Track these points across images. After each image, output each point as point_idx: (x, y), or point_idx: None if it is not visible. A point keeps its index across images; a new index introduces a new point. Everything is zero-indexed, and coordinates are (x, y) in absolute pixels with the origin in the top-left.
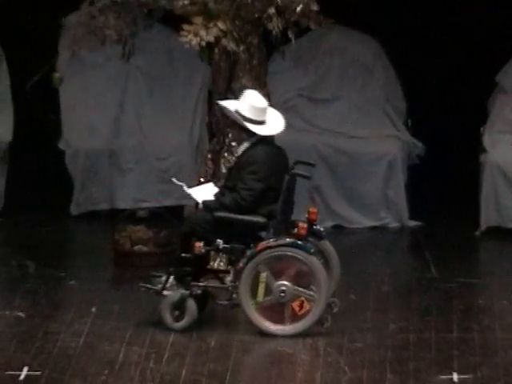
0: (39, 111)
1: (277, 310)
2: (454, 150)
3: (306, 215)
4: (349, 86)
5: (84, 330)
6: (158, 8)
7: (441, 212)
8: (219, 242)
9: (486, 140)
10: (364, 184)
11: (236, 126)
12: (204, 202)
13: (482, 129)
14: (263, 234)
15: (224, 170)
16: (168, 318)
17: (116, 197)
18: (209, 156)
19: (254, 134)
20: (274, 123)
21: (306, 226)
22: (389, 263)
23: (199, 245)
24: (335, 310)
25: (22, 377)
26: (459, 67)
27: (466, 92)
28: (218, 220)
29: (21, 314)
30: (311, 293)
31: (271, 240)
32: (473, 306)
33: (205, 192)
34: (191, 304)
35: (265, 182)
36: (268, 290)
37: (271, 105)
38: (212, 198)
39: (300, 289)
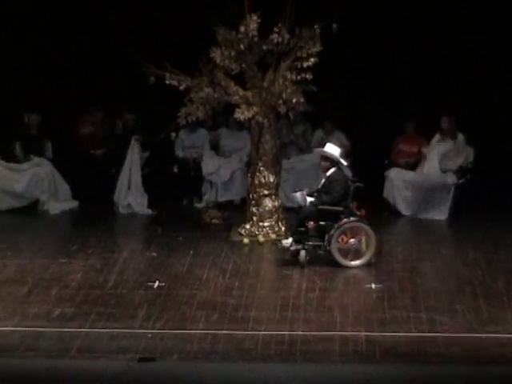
0: (165, 151)
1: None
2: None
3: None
4: None
5: (186, 262)
6: (224, 101)
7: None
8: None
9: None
10: None
11: (330, 160)
12: (310, 202)
13: (386, 161)
14: (342, 216)
15: (257, 182)
16: (302, 260)
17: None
18: (249, 175)
19: (336, 164)
20: (343, 160)
21: (365, 211)
22: None
23: (310, 223)
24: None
25: (155, 286)
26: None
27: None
28: (319, 210)
29: (154, 254)
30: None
31: (346, 219)
32: (381, 250)
33: (306, 197)
34: (303, 253)
35: (343, 190)
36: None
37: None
38: (312, 199)
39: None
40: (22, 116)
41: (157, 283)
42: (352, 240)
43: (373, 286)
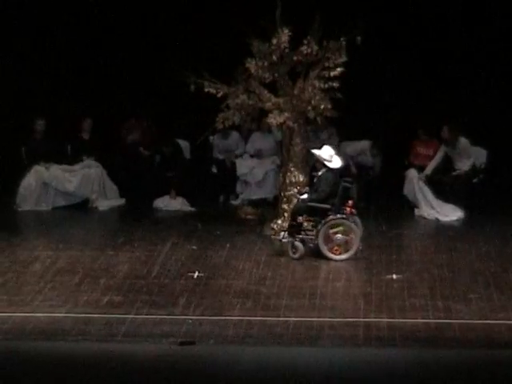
0: (203, 151)
1: (334, 248)
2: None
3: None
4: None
5: (223, 254)
6: (258, 107)
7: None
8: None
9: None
10: None
11: (319, 161)
12: (302, 199)
13: (405, 161)
14: (329, 213)
15: (288, 181)
16: (290, 252)
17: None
18: (281, 175)
19: (326, 165)
20: (336, 161)
21: (350, 209)
22: None
23: (300, 218)
24: (360, 247)
25: (195, 275)
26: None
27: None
28: (309, 206)
29: (194, 247)
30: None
31: (332, 216)
32: (399, 243)
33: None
34: (289, 245)
35: (331, 188)
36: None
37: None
38: (304, 196)
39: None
40: (78, 120)
41: (196, 273)
42: (338, 236)
43: (394, 276)
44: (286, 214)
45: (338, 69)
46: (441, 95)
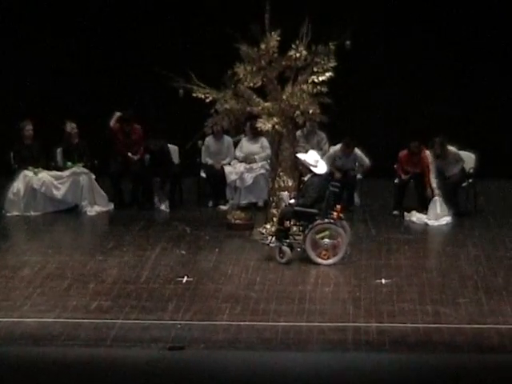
0: (192, 156)
1: (322, 253)
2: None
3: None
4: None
5: (213, 259)
6: (246, 111)
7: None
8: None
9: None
10: None
11: (304, 166)
12: (289, 203)
13: (394, 165)
14: (317, 217)
15: (277, 186)
16: (277, 256)
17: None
18: (269, 179)
19: (311, 171)
20: (321, 166)
21: (338, 213)
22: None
23: (287, 223)
24: (348, 252)
25: (184, 280)
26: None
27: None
28: (296, 211)
29: (183, 251)
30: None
31: (320, 221)
32: (388, 248)
33: (288, 198)
34: (277, 250)
35: (317, 193)
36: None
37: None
38: (292, 201)
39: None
40: (63, 125)
41: (185, 278)
42: (325, 240)
43: (383, 280)
44: (275, 219)
45: (327, 73)
46: (429, 102)
